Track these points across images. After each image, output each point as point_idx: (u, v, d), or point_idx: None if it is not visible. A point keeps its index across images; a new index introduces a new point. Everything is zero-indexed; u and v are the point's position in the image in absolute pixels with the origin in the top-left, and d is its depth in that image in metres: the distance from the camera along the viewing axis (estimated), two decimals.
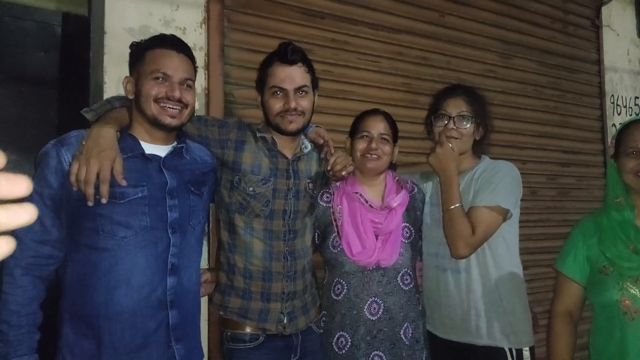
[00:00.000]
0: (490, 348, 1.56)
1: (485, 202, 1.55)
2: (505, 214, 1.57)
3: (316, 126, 1.75)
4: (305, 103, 1.53)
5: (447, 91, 1.74)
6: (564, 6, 3.29)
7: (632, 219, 1.41)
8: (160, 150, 1.37)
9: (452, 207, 1.57)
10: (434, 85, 2.42)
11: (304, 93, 1.53)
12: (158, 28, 1.88)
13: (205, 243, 1.91)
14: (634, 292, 1.31)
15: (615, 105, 3.64)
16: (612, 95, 3.60)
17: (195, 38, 1.95)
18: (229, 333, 1.57)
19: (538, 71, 3.11)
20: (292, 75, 1.51)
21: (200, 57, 1.96)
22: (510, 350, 1.55)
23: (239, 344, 1.55)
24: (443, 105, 1.68)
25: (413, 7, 2.60)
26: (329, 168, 1.63)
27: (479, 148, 1.74)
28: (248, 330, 1.55)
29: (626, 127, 1.45)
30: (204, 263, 1.87)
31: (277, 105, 1.52)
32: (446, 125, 1.65)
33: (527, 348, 1.57)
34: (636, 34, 3.92)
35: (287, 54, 1.50)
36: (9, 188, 0.33)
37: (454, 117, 1.64)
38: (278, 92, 1.51)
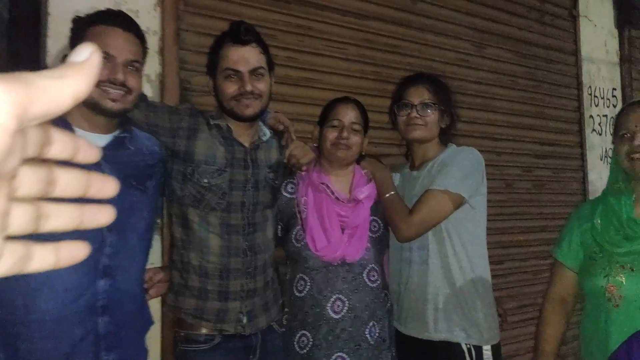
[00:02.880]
0: (448, 344, 1.56)
1: (435, 186, 1.56)
2: (456, 200, 1.56)
3: (275, 112, 1.72)
4: (261, 86, 1.50)
5: (409, 79, 1.75)
6: None
7: (629, 205, 1.42)
8: (99, 139, 1.29)
9: (387, 195, 1.61)
10: (404, 74, 2.39)
11: (259, 75, 1.49)
12: None
13: (159, 240, 1.87)
14: (619, 278, 1.34)
15: (592, 96, 3.70)
16: (590, 87, 3.66)
17: (149, 21, 1.90)
18: (182, 334, 1.53)
19: (513, 61, 3.14)
20: (246, 57, 1.47)
21: (154, 42, 1.91)
22: (469, 347, 1.55)
23: (193, 345, 1.51)
24: (406, 93, 1.69)
25: None
26: (284, 160, 1.61)
27: (447, 137, 1.74)
28: (203, 331, 1.51)
29: (621, 111, 1.49)
30: (158, 261, 1.84)
31: (231, 88, 1.48)
32: (409, 114, 1.65)
33: (489, 346, 1.57)
34: (614, 25, 3.99)
35: (240, 33, 1.47)
36: (101, 188, 0.34)
37: (417, 106, 1.65)
38: (232, 75, 1.47)
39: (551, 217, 3.14)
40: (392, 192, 1.63)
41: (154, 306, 1.62)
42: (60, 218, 0.32)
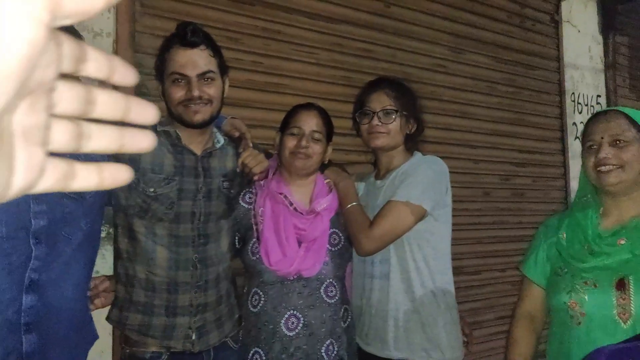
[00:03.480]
0: None
1: (397, 197, 1.51)
2: (417, 212, 1.50)
3: (231, 117, 1.66)
4: (211, 91, 1.43)
5: (369, 85, 1.70)
6: (522, 0, 3.29)
7: (595, 219, 1.38)
8: None
9: (349, 205, 1.55)
10: None
11: (209, 80, 1.43)
12: None
13: (111, 250, 1.80)
14: (582, 295, 1.29)
15: (576, 103, 3.66)
16: (573, 93, 3.62)
17: (102, 23, 1.84)
18: (127, 351, 1.47)
19: (492, 67, 3.10)
20: (194, 60, 1.40)
21: (107, 44, 1.85)
22: None
23: None
24: (366, 100, 1.64)
25: None
26: (238, 169, 1.55)
27: (414, 144, 1.68)
28: (150, 348, 1.44)
29: (588, 121, 1.44)
30: (109, 272, 1.76)
31: (178, 94, 1.41)
32: (371, 122, 1.59)
33: None
34: (598, 30, 3.96)
35: (187, 35, 1.40)
36: (140, 113, 0.33)
37: (377, 113, 1.59)
38: (179, 80, 1.41)
39: (531, 226, 3.08)
40: (354, 204, 1.57)
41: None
42: (101, 139, 0.31)
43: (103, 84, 0.32)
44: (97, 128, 0.31)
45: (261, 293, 1.54)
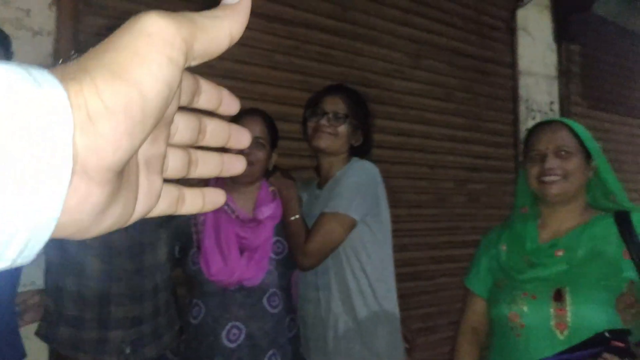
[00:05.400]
0: None
1: (328, 208, 1.49)
2: (347, 222, 1.48)
3: None
4: None
5: (328, 88, 1.69)
6: (478, 7, 3.35)
7: (534, 230, 1.38)
8: None
9: (290, 218, 1.53)
10: None
11: None
12: None
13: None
14: (522, 306, 1.29)
15: (530, 110, 3.76)
16: (527, 100, 3.72)
17: (42, 21, 1.75)
18: None
19: (449, 73, 3.13)
20: None
21: (47, 44, 1.76)
22: None
23: None
24: (321, 101, 1.62)
25: None
26: None
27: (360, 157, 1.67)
28: None
29: (531, 131, 1.44)
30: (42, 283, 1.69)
31: None
32: (319, 121, 1.58)
33: None
34: (552, 38, 4.09)
35: None
36: (238, 139, 0.35)
37: (329, 114, 1.58)
38: None
39: (485, 231, 3.15)
40: (295, 217, 1.54)
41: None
42: (207, 165, 0.34)
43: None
44: (202, 154, 0.33)
45: (202, 304, 1.50)
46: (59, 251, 1.40)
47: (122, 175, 0.26)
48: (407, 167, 2.87)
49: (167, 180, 0.31)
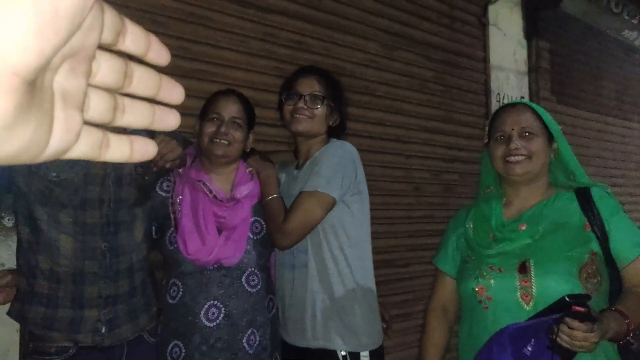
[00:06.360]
0: (325, 351, 1.50)
1: (306, 187, 1.50)
2: (326, 201, 1.49)
3: None
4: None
5: (301, 70, 1.70)
6: (451, 2, 3.42)
7: (499, 208, 1.43)
8: None
9: (268, 198, 1.54)
10: None
11: None
12: None
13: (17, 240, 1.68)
14: (489, 280, 1.33)
15: (501, 103, 3.85)
16: (498, 94, 3.81)
17: None
18: (31, 346, 1.39)
19: (423, 65, 3.19)
20: None
21: None
22: (344, 355, 1.49)
23: (43, 357, 1.37)
24: (295, 84, 1.62)
25: None
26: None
27: (337, 138, 1.69)
28: (56, 343, 1.37)
29: (495, 113, 1.49)
30: (14, 264, 1.65)
31: None
32: (296, 104, 1.59)
33: (367, 352, 1.52)
34: (522, 34, 4.20)
35: None
36: (170, 92, 0.33)
37: (305, 96, 1.59)
38: None
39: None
40: (273, 196, 1.55)
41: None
42: (135, 114, 0.32)
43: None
44: (131, 102, 0.32)
45: (180, 284, 1.50)
46: (31, 229, 1.38)
47: (34, 91, 0.24)
48: (382, 156, 2.90)
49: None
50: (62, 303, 1.37)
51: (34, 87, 0.24)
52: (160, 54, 0.32)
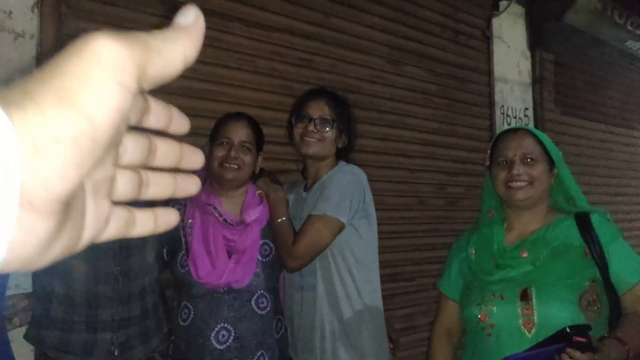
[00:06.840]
0: None
1: (315, 211, 1.54)
2: (334, 225, 1.53)
3: None
4: None
5: (311, 93, 1.72)
6: (455, 15, 3.45)
7: (500, 233, 1.44)
8: None
9: (277, 220, 1.57)
10: None
11: None
12: None
13: None
14: (491, 307, 1.34)
15: (505, 115, 3.88)
16: (502, 106, 3.83)
17: (25, 24, 1.75)
18: None
19: (428, 79, 3.22)
20: None
21: (30, 47, 1.77)
22: None
23: None
24: (305, 106, 1.65)
25: (293, 5, 2.57)
26: None
27: (345, 160, 1.72)
28: None
29: (499, 137, 1.50)
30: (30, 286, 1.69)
31: None
32: (306, 127, 1.62)
33: None
34: (526, 46, 4.22)
35: None
36: (191, 159, 0.34)
37: (315, 119, 1.61)
38: None
39: (459, 234, 3.23)
40: (283, 219, 1.58)
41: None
42: (158, 186, 0.33)
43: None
44: (154, 175, 0.32)
45: (190, 306, 1.53)
46: None
47: (69, 204, 0.24)
48: (387, 170, 2.93)
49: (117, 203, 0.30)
50: (77, 327, 1.41)
51: (70, 201, 0.25)
52: (181, 124, 0.33)
